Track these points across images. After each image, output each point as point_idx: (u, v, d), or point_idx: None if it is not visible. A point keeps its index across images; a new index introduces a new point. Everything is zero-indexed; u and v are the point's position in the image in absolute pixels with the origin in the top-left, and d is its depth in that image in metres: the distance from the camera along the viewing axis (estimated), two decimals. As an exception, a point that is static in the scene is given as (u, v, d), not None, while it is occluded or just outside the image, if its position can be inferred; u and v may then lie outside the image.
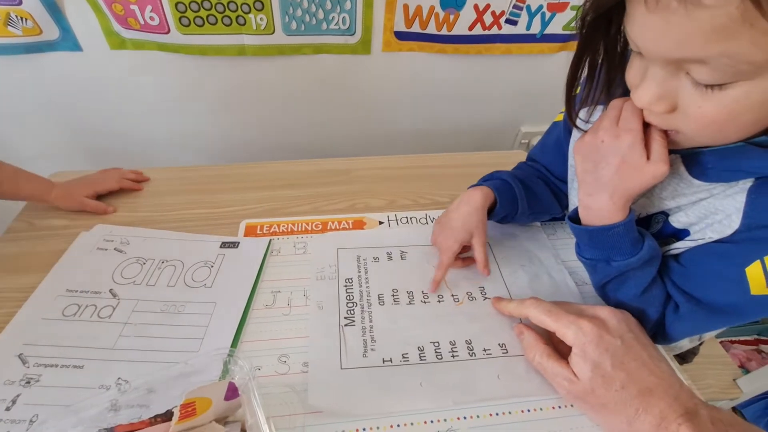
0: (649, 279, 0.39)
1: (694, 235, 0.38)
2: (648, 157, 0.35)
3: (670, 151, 0.35)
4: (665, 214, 0.40)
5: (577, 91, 0.39)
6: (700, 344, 0.57)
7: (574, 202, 0.53)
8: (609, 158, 0.37)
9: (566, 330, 0.37)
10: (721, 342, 0.91)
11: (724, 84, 0.27)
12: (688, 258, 0.39)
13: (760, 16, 0.22)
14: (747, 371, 0.87)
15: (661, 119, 0.33)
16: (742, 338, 1.01)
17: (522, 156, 0.69)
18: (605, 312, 0.38)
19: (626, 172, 0.36)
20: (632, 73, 0.32)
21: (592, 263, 0.42)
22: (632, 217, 0.38)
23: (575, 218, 0.42)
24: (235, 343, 0.43)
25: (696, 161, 0.36)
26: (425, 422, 0.38)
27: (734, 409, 0.86)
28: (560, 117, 0.53)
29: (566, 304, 0.41)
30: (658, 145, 0.34)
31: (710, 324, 0.40)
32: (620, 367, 0.34)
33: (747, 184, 0.33)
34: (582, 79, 0.38)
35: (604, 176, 0.37)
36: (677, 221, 0.39)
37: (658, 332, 0.41)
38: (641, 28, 0.28)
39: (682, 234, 0.39)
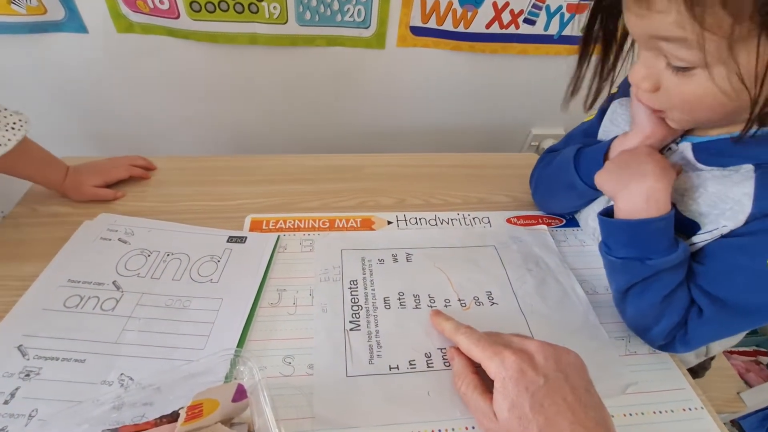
0: (677, 283, 0.39)
1: (705, 228, 0.39)
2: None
3: (682, 139, 0.42)
4: (672, 205, 0.41)
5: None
6: (712, 359, 0.56)
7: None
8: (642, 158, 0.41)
9: (489, 362, 0.34)
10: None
11: (689, 68, 0.32)
12: (706, 255, 0.39)
13: (693, 21, 0.28)
14: (746, 382, 0.87)
15: (650, 98, 0.38)
16: (741, 349, 1.01)
17: (532, 158, 0.69)
18: (534, 345, 0.34)
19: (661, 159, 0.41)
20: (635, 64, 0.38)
21: (624, 263, 0.41)
22: (672, 214, 0.39)
23: (607, 215, 0.42)
24: (241, 343, 0.42)
25: (703, 148, 0.40)
26: (432, 431, 0.37)
27: (732, 421, 0.87)
28: (591, 117, 0.55)
29: (500, 334, 0.38)
30: None
31: (735, 326, 0.40)
32: (539, 410, 0.30)
33: (750, 171, 0.36)
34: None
35: (644, 168, 0.40)
36: (687, 210, 0.40)
37: (677, 338, 0.41)
38: (627, 19, 0.35)
39: (693, 227, 0.40)
